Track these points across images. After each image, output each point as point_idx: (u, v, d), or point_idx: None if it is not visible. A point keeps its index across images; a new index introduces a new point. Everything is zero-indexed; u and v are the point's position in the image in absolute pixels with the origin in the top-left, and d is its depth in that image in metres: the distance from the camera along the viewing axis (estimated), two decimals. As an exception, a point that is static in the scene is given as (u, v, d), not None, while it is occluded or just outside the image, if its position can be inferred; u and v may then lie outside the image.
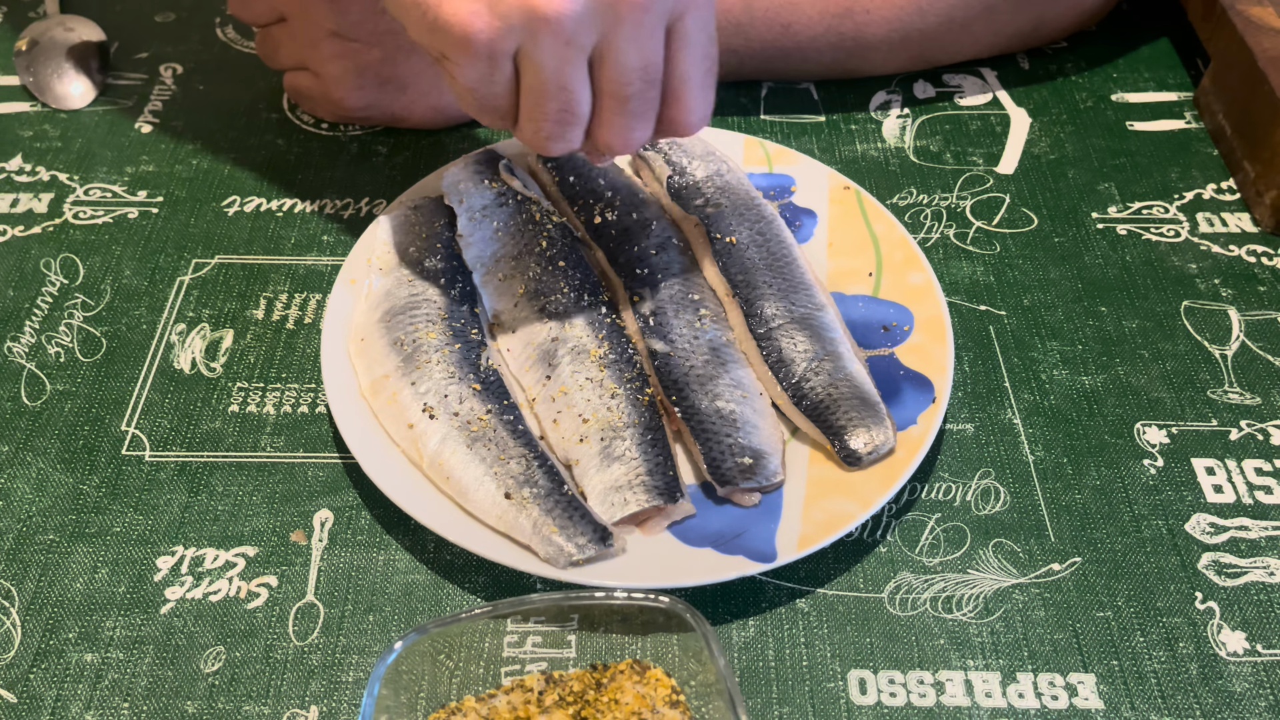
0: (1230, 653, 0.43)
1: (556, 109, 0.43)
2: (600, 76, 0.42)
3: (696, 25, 0.42)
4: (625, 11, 0.40)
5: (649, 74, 0.42)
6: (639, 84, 0.42)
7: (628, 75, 0.42)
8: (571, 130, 0.44)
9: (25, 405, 0.51)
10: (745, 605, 0.44)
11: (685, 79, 0.44)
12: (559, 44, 0.40)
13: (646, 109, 0.44)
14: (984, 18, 0.63)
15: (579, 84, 0.42)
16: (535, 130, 0.44)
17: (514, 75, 0.43)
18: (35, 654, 0.43)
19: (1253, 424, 0.50)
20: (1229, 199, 0.60)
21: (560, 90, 0.42)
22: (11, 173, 0.62)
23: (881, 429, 0.46)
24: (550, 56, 0.41)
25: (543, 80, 0.42)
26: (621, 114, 0.43)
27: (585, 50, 0.41)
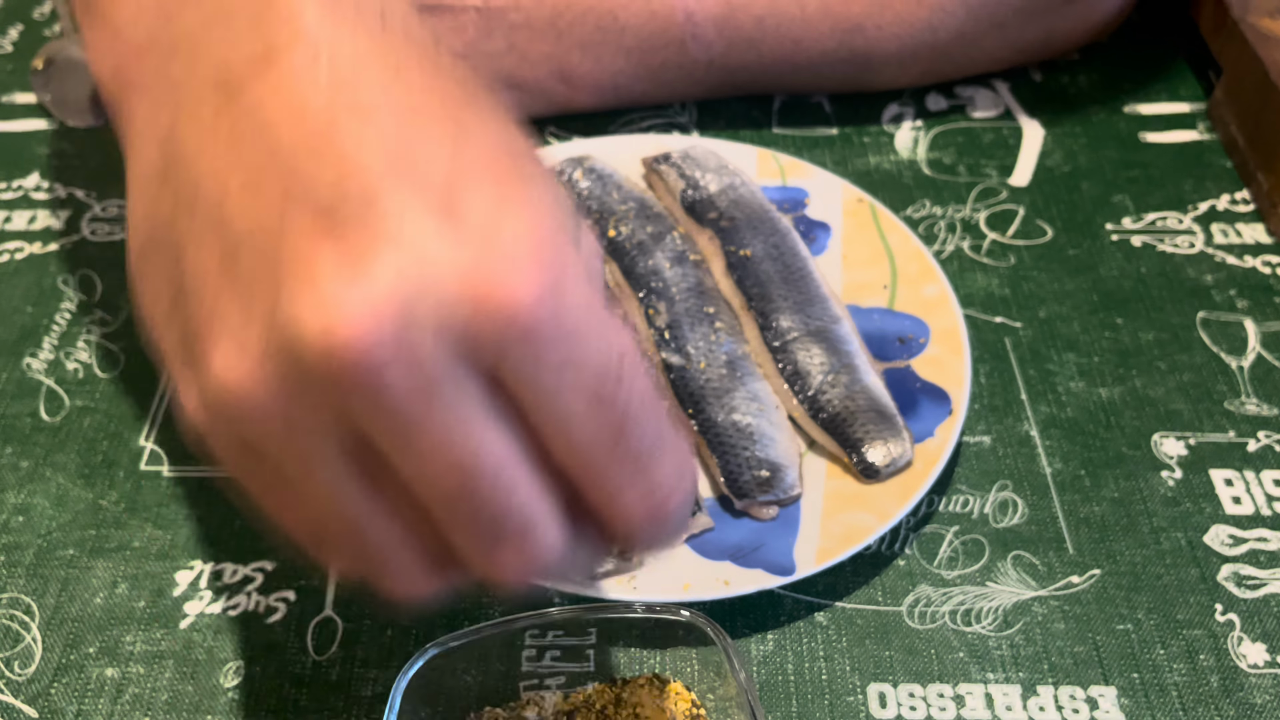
0: (1251, 665, 0.42)
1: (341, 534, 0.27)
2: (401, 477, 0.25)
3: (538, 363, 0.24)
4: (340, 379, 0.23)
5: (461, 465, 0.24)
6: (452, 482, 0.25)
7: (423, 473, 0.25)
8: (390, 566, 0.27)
9: (44, 421, 0.51)
10: (764, 619, 0.44)
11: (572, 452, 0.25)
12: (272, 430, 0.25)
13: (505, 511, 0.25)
14: (994, 33, 0.64)
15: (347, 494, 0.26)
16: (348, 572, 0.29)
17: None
18: (56, 668, 0.43)
19: (1271, 435, 0.50)
20: (1243, 210, 0.60)
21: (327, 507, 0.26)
22: (29, 190, 0.63)
23: (899, 442, 0.46)
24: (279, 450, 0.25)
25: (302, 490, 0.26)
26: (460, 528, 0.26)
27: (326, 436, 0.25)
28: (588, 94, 0.64)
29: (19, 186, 0.63)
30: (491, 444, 0.25)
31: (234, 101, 0.26)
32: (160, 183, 0.27)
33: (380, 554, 0.26)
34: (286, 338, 0.23)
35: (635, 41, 0.62)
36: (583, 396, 0.25)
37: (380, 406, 0.23)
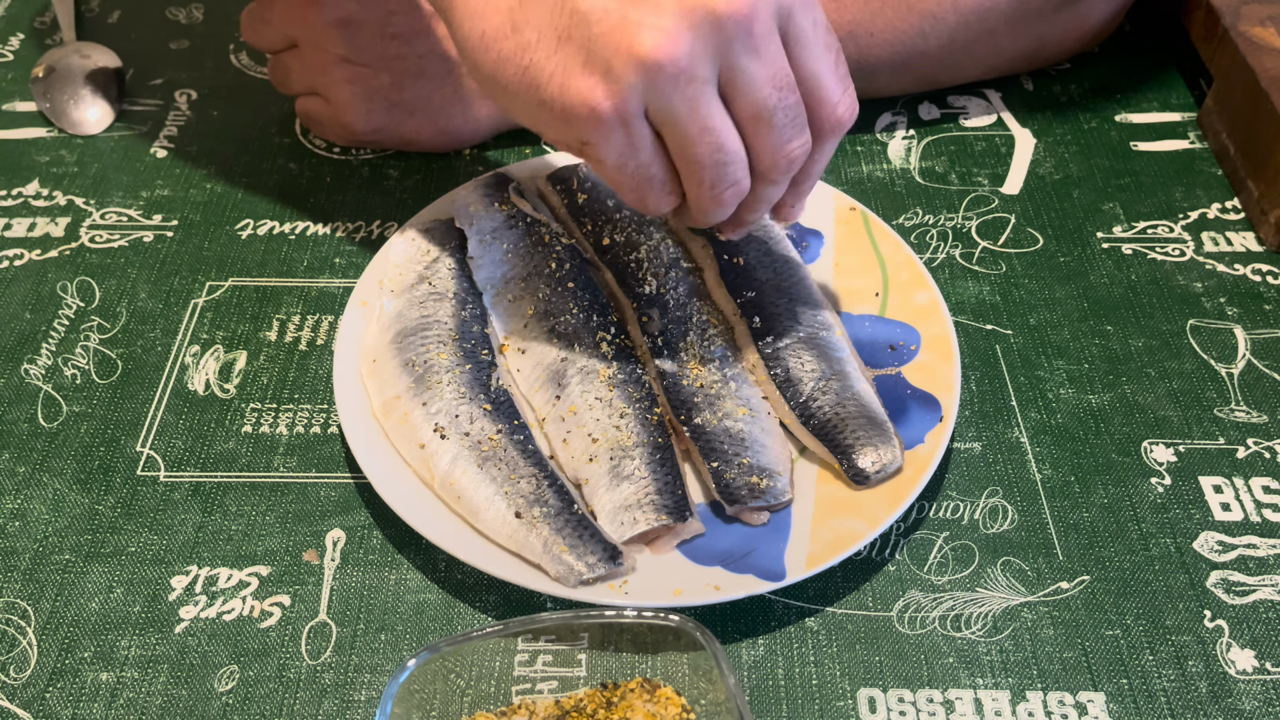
0: (1240, 671, 0.43)
1: (709, 153, 0.42)
2: (736, 105, 0.42)
3: (808, 21, 0.42)
4: (732, 30, 0.40)
5: (780, 81, 0.41)
6: (774, 94, 0.41)
7: (761, 90, 0.41)
8: (731, 171, 0.43)
9: (42, 426, 0.52)
10: (754, 624, 0.45)
11: (816, 76, 0.43)
12: (681, 85, 0.40)
13: (793, 117, 0.42)
14: (985, 40, 0.64)
15: (718, 119, 0.41)
16: (699, 185, 0.43)
17: (656, 140, 0.42)
18: (51, 673, 0.43)
19: (1260, 442, 0.50)
20: (1233, 218, 0.60)
21: (704, 132, 0.41)
22: (29, 197, 0.63)
23: (889, 448, 0.47)
24: (679, 101, 0.40)
25: (683, 128, 0.41)
26: (772, 130, 0.42)
27: (710, 82, 0.41)
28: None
29: (18, 194, 0.63)
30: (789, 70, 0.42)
31: None
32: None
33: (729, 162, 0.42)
34: (701, 13, 0.39)
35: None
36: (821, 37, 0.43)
37: (749, 45, 0.40)
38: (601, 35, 0.40)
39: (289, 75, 0.63)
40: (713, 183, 0.43)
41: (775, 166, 0.43)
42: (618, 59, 0.39)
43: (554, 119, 0.42)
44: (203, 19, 0.76)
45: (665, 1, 0.39)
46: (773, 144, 0.43)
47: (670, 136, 0.42)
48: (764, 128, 0.42)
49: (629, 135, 0.41)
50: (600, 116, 0.40)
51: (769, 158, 0.43)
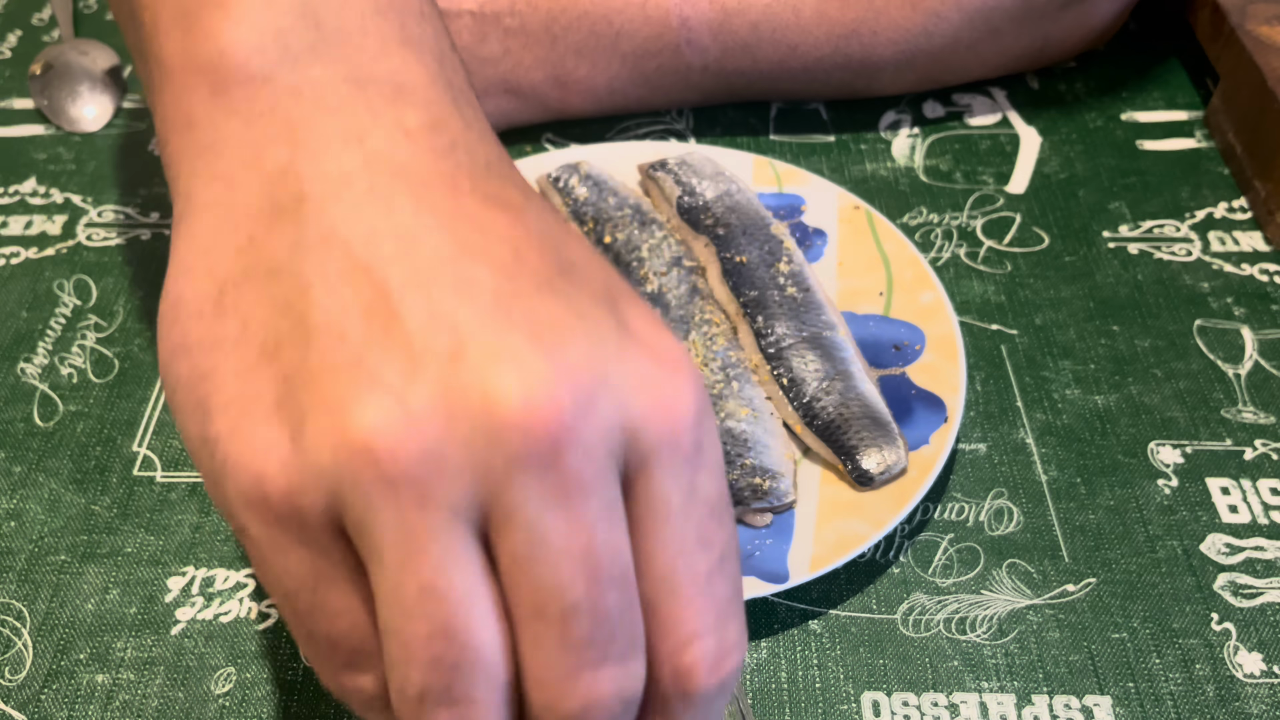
0: (1247, 674, 0.42)
1: (424, 635, 0.23)
2: (504, 574, 0.24)
3: (677, 484, 0.25)
4: (524, 448, 0.23)
5: (595, 561, 0.23)
6: (578, 581, 0.23)
7: (554, 568, 0.23)
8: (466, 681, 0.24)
9: (38, 426, 0.51)
10: (757, 626, 0.44)
11: (667, 582, 0.25)
12: (401, 504, 0.23)
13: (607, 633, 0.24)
14: (989, 39, 0.63)
15: (459, 584, 0.23)
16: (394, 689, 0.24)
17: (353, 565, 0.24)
18: (47, 675, 0.43)
19: (1267, 443, 0.50)
20: (1240, 218, 0.60)
21: (424, 595, 0.23)
22: (25, 195, 0.63)
23: (893, 449, 0.46)
24: (391, 529, 0.23)
25: (387, 574, 0.23)
26: (563, 644, 0.24)
27: (459, 519, 0.23)
28: (583, 99, 0.64)
29: (15, 191, 0.63)
30: (624, 549, 0.24)
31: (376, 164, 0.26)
32: (269, 217, 0.26)
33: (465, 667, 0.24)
34: (480, 404, 0.23)
35: (630, 46, 0.62)
36: (696, 525, 0.25)
37: (549, 485, 0.23)
38: (315, 371, 0.24)
39: None
40: (419, 691, 0.24)
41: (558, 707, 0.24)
42: (318, 420, 0.23)
43: (211, 469, 0.25)
44: (202, 16, 0.76)
45: (431, 358, 0.23)
46: (555, 668, 0.24)
47: (372, 575, 0.24)
48: (546, 632, 0.24)
49: (297, 551, 0.24)
50: (261, 497, 0.24)
51: (547, 691, 0.24)
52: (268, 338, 0.25)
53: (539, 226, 0.27)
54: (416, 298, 0.24)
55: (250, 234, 0.26)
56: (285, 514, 0.24)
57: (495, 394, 0.23)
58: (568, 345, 0.24)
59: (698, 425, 0.25)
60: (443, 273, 0.24)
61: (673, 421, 0.24)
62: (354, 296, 0.24)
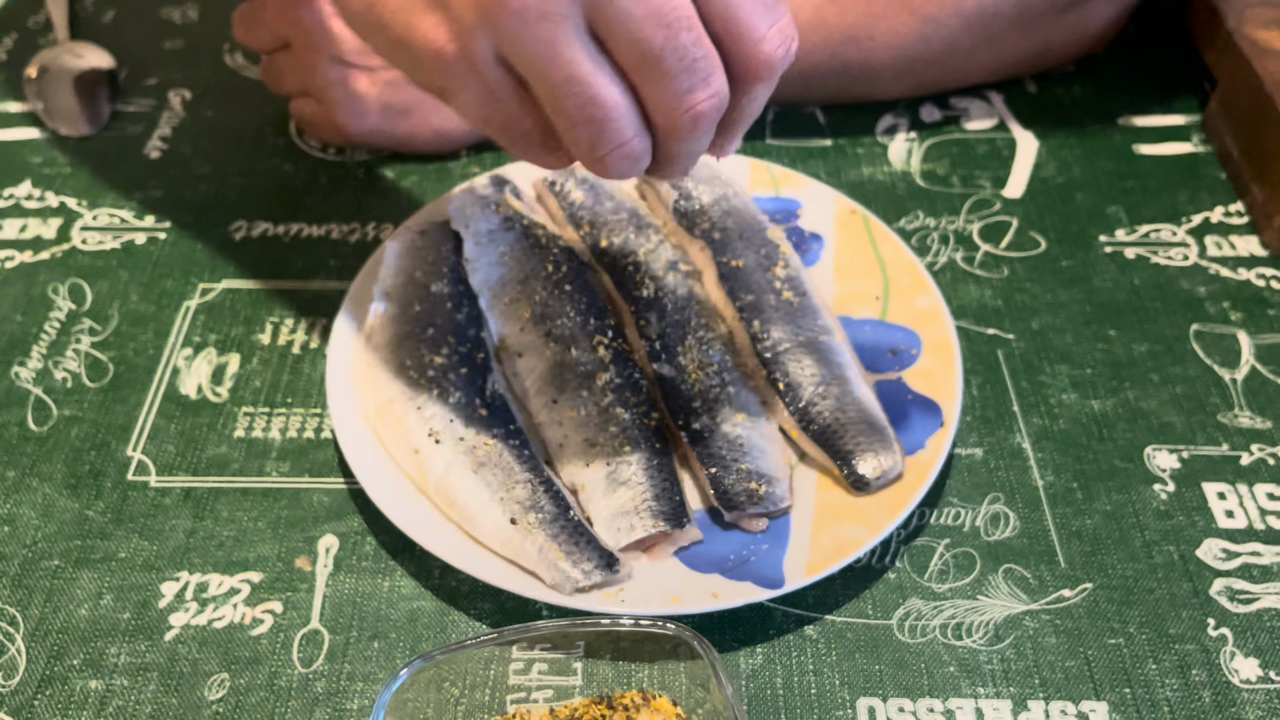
0: (1243, 680, 0.42)
1: (578, 108, 0.34)
2: (613, 48, 0.34)
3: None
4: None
5: (667, 14, 0.33)
6: (659, 32, 0.33)
7: (640, 27, 0.33)
8: (613, 129, 0.35)
9: (32, 430, 0.51)
10: (753, 632, 0.44)
11: (730, 6, 0.34)
12: (530, 24, 0.33)
13: (691, 61, 0.34)
14: (987, 44, 0.63)
15: (585, 66, 0.34)
16: (577, 144, 0.36)
17: (518, 85, 0.36)
18: (40, 681, 0.43)
19: (1264, 448, 0.50)
20: (1237, 222, 0.60)
21: (569, 82, 0.34)
22: (20, 199, 0.63)
23: (890, 454, 0.46)
24: (532, 44, 0.33)
25: (542, 78, 0.34)
26: (663, 79, 0.34)
27: (571, 19, 0.33)
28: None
29: (10, 195, 0.63)
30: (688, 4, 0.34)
31: None
32: None
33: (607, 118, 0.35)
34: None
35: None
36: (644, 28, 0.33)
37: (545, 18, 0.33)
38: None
39: (282, 76, 0.62)
40: (591, 144, 0.35)
41: (676, 125, 0.35)
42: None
43: (406, 62, 0.36)
44: (197, 19, 0.76)
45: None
46: (667, 97, 0.34)
47: (534, 87, 0.35)
48: (651, 75, 0.34)
49: (483, 83, 0.35)
50: (445, 61, 0.35)
51: (665, 114, 0.35)
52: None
53: None
54: None
55: None
56: (463, 63, 0.35)
57: None
58: None
59: None
60: None
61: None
62: None
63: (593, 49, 0.34)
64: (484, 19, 0.33)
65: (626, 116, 0.35)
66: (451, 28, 0.34)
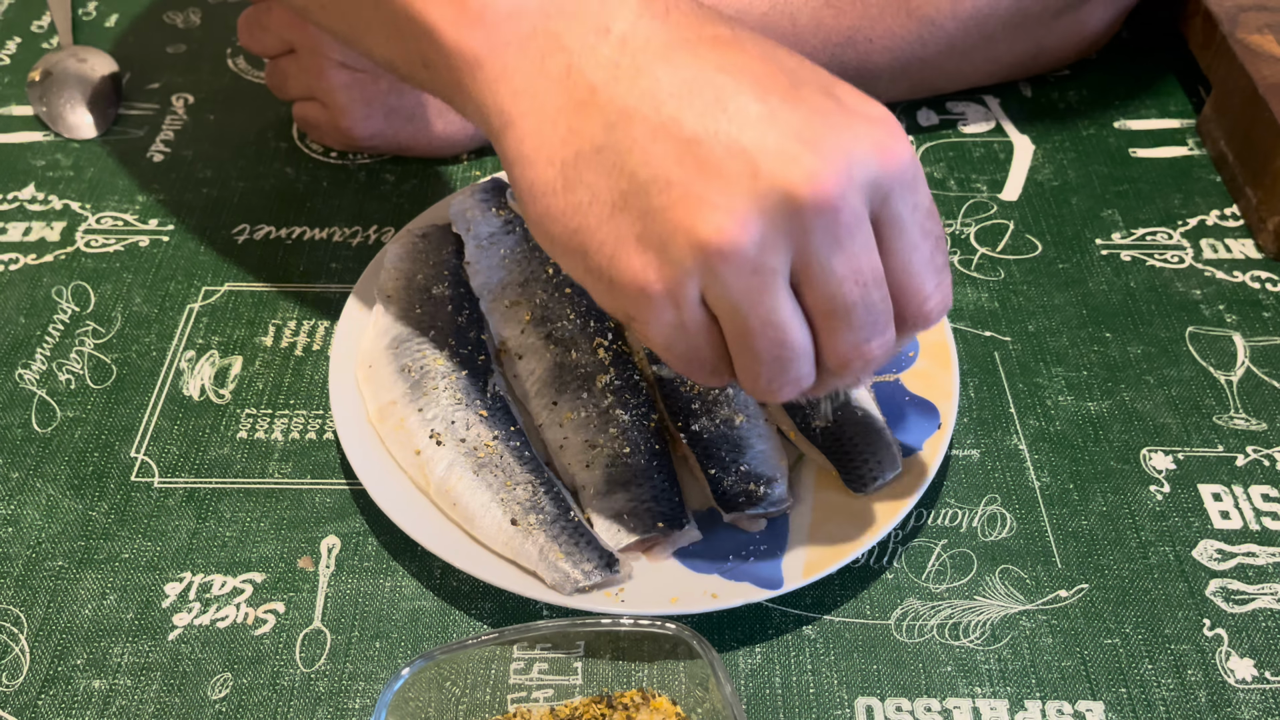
0: (1239, 680, 0.43)
1: (769, 349, 0.36)
2: (810, 298, 0.36)
3: (907, 206, 0.36)
4: (813, 220, 0.34)
5: (864, 276, 0.36)
6: (856, 290, 0.36)
7: (841, 286, 0.36)
8: (794, 368, 0.37)
9: (35, 432, 0.51)
10: (752, 632, 0.44)
11: (908, 269, 0.37)
12: (745, 275, 0.35)
13: (874, 317, 0.37)
14: (983, 46, 0.64)
15: (785, 313, 0.36)
16: (754, 378, 0.38)
17: (711, 324, 0.37)
18: (44, 680, 0.43)
19: (1259, 449, 0.50)
20: (1232, 225, 0.60)
21: (766, 327, 0.36)
22: (24, 201, 0.63)
23: (887, 455, 0.46)
24: (740, 292, 0.35)
25: (743, 321, 0.36)
26: (849, 330, 0.37)
27: (780, 273, 0.35)
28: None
29: (14, 198, 0.63)
30: (879, 265, 0.36)
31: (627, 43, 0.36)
32: (577, 110, 0.36)
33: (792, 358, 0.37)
34: (777, 196, 0.34)
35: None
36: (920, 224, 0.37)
37: (832, 236, 0.35)
38: (661, 210, 0.35)
39: (286, 80, 0.63)
40: (769, 378, 0.38)
41: (847, 367, 0.38)
42: (676, 239, 0.35)
43: (601, 288, 0.37)
44: (200, 23, 0.76)
45: (737, 177, 0.34)
46: (847, 345, 0.37)
47: (728, 326, 0.37)
48: (840, 326, 0.37)
49: (680, 319, 0.37)
50: (649, 297, 0.36)
51: (840, 358, 0.38)
52: (614, 196, 0.36)
53: (758, 49, 0.36)
54: (708, 138, 0.34)
55: (568, 125, 0.36)
56: (668, 302, 0.36)
57: (790, 189, 0.34)
58: (823, 140, 0.34)
59: (913, 161, 0.36)
60: (716, 111, 0.34)
61: (897, 166, 0.35)
62: (664, 150, 0.35)
63: (791, 296, 0.36)
64: (701, 265, 0.35)
65: (807, 358, 0.38)
66: (664, 269, 0.35)
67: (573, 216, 0.37)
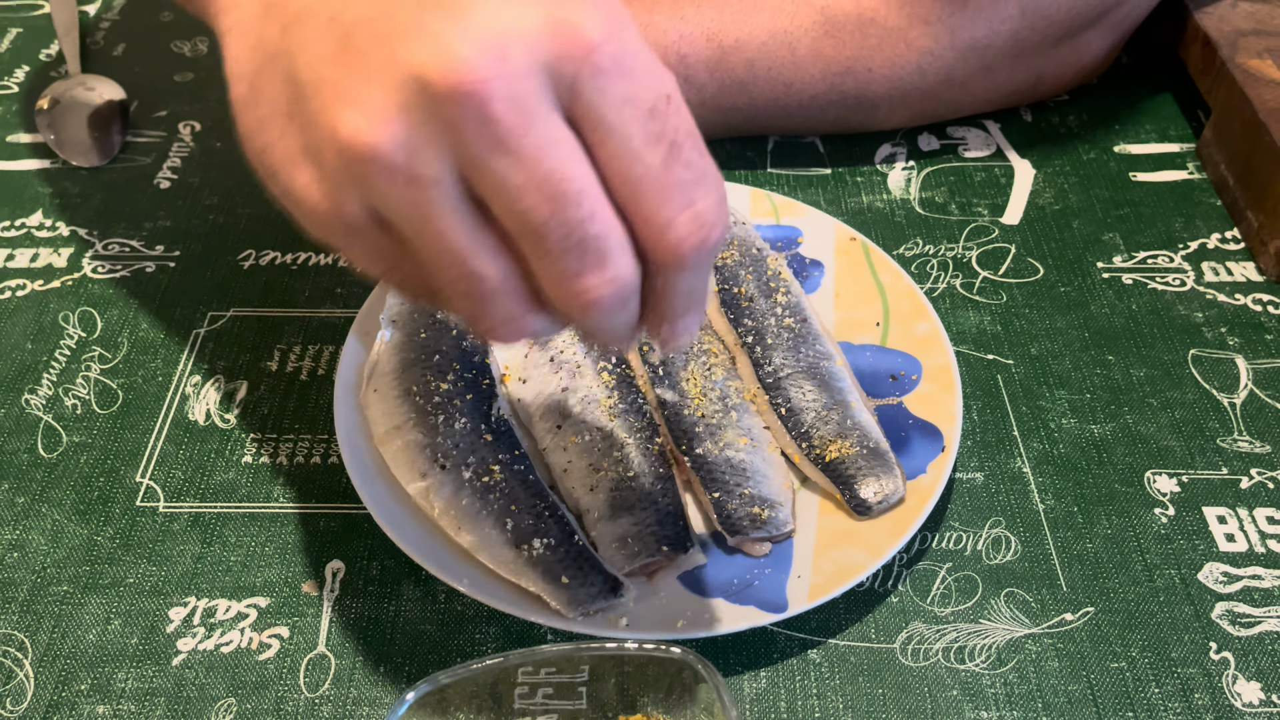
0: (1246, 703, 0.42)
1: (453, 280, 0.31)
2: (498, 216, 0.30)
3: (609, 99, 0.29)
4: (457, 112, 0.28)
5: (551, 189, 0.29)
6: (541, 205, 0.29)
7: (519, 202, 0.29)
8: (498, 305, 0.31)
9: (41, 457, 0.52)
10: (756, 656, 0.44)
11: (628, 183, 0.30)
12: (399, 186, 0.29)
13: (582, 239, 0.29)
14: (982, 75, 0.64)
15: (458, 236, 0.30)
16: (464, 317, 0.32)
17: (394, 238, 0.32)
18: (48, 706, 0.43)
19: (1263, 472, 0.50)
20: (1233, 248, 0.60)
21: (441, 252, 0.30)
22: (32, 228, 0.63)
23: (891, 478, 0.47)
24: (400, 207, 0.30)
25: (416, 243, 0.30)
26: (548, 259, 0.30)
27: (442, 184, 0.29)
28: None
29: (22, 224, 0.64)
30: (575, 166, 0.29)
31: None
32: (265, 17, 0.33)
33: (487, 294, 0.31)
34: (413, 86, 0.28)
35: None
36: (639, 125, 0.29)
37: (489, 134, 0.28)
38: (314, 114, 0.30)
39: None
40: (474, 315, 0.32)
41: (568, 310, 0.31)
42: (325, 146, 0.30)
43: (295, 214, 0.33)
44: (207, 52, 0.77)
45: (380, 67, 0.29)
46: (553, 278, 0.30)
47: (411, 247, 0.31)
48: (535, 252, 0.30)
49: (364, 242, 0.32)
50: (319, 218, 0.31)
51: (555, 297, 0.31)
52: (285, 104, 0.31)
53: None
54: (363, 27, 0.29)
55: (257, 34, 0.33)
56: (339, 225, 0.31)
57: (422, 73, 0.28)
58: (471, 13, 0.28)
59: (608, 40, 0.29)
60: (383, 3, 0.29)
61: (581, 46, 0.28)
62: (323, 47, 0.30)
63: (472, 216, 0.30)
64: (351, 175, 0.30)
65: (512, 294, 0.31)
66: (323, 184, 0.31)
67: (259, 134, 0.33)
